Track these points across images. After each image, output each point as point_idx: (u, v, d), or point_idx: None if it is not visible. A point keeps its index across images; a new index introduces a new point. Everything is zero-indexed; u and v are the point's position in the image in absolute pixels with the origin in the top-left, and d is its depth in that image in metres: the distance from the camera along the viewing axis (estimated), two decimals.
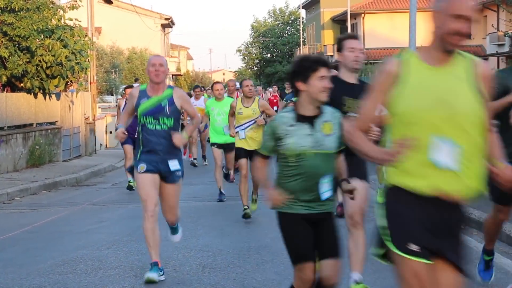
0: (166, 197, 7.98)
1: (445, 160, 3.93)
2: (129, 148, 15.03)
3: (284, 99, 17.01)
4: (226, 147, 13.32)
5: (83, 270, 8.31)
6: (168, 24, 63.39)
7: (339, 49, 6.68)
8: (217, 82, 14.50)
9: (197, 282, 7.68)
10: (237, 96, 14.87)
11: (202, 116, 13.58)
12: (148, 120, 7.72)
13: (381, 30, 54.30)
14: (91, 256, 9.07)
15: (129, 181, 15.24)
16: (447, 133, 3.93)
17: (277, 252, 8.99)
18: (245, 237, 10.08)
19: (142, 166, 7.72)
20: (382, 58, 52.43)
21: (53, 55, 18.68)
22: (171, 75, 67.13)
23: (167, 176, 7.82)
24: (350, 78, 6.67)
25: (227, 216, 11.98)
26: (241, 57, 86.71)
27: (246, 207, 11.47)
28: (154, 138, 7.70)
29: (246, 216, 11.41)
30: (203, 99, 19.34)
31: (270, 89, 31.46)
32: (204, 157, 20.92)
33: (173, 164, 7.80)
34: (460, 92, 4.03)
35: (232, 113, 11.85)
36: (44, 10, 19.01)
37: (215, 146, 13.45)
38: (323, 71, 5.21)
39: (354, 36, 6.87)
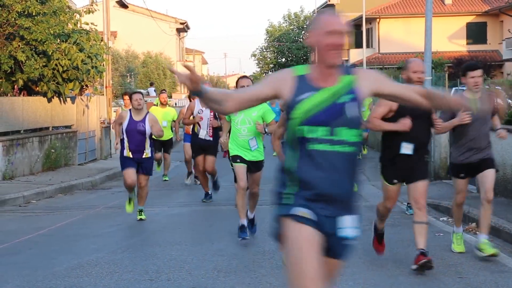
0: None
1: None
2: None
3: None
4: (253, 165, 10.11)
5: (99, 274, 8.34)
6: (183, 29, 63.55)
7: None
8: (244, 77, 10.24)
9: (211, 286, 7.70)
10: None
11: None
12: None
13: (396, 35, 54.20)
14: (107, 259, 9.10)
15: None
16: None
17: None
18: (259, 242, 10.08)
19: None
20: (397, 63, 52.37)
21: (69, 59, 18.77)
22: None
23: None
24: None
25: None
26: (256, 61, 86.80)
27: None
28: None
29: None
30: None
31: None
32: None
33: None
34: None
35: (281, 125, 9.11)
36: (61, 14, 19.11)
37: (238, 160, 9.94)
38: None
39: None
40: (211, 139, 13.83)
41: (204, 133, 13.79)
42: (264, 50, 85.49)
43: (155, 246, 9.93)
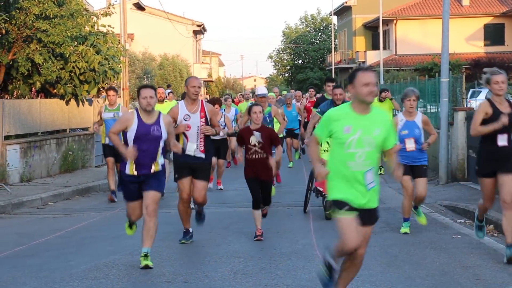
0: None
1: None
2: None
3: (317, 108, 12.95)
4: (366, 217, 9.03)
5: (116, 275, 8.36)
6: (200, 31, 63.66)
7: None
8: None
9: None
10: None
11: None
12: None
13: (413, 36, 54.04)
14: (124, 261, 9.12)
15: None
16: None
17: (309, 258, 8.99)
18: (276, 243, 10.07)
19: None
20: (414, 65, 52.24)
21: (86, 62, 18.83)
22: (202, 81, 67.11)
23: None
24: None
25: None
26: (273, 63, 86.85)
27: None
28: None
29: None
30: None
31: (306, 94, 26.51)
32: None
33: None
34: None
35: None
36: (78, 17, 19.17)
37: (346, 208, 6.30)
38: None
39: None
40: (203, 155, 10.14)
41: (193, 148, 10.09)
42: (281, 52, 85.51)
43: (172, 248, 9.94)
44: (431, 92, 20.77)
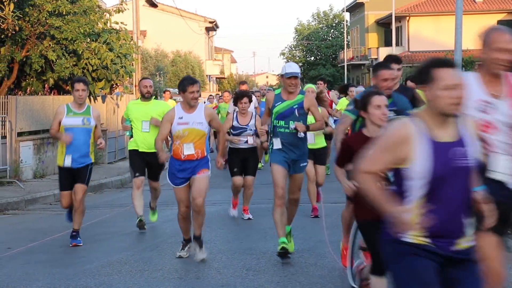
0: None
1: None
2: None
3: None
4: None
5: (128, 272, 8.38)
6: (212, 27, 63.71)
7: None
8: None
9: (241, 284, 7.70)
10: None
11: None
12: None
13: (426, 33, 53.87)
14: (136, 258, 9.14)
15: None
16: None
17: (321, 255, 8.98)
18: None
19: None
20: None
21: (99, 58, 18.88)
22: (214, 78, 67.29)
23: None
24: None
25: (271, 219, 11.93)
26: (285, 60, 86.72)
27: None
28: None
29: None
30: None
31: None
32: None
33: None
34: None
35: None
36: (91, 13, 19.21)
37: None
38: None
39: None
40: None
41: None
42: (293, 48, 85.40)
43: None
44: None
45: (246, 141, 11.74)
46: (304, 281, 7.79)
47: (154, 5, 57.26)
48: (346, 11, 70.90)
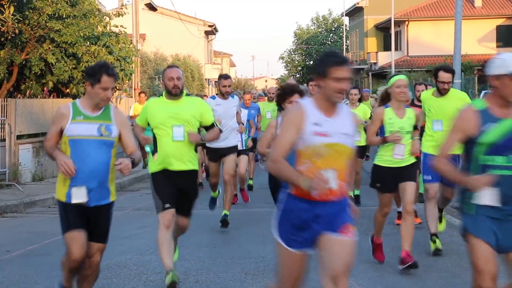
0: None
1: None
2: None
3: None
4: None
5: (127, 275, 8.39)
6: (211, 31, 63.72)
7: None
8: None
9: None
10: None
11: None
12: None
13: (425, 37, 53.93)
14: (135, 261, 9.15)
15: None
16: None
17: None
18: None
19: None
20: (426, 66, 52.11)
21: None
22: (214, 82, 67.25)
23: None
24: None
25: (269, 223, 11.94)
26: (284, 64, 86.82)
27: None
28: None
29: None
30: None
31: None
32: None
33: None
34: None
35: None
36: (91, 17, 19.23)
37: None
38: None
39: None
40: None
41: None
42: (292, 52, 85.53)
43: (183, 248, 9.94)
44: None
45: None
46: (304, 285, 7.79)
47: (153, 9, 57.27)
48: (345, 15, 70.98)
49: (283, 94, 8.17)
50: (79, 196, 6.28)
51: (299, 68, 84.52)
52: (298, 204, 5.06)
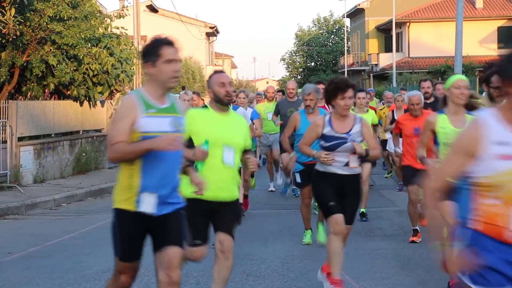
0: None
1: None
2: None
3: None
4: None
5: None
6: (212, 33, 63.73)
7: None
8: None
9: None
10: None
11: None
12: None
13: (427, 39, 53.90)
14: None
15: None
16: None
17: (321, 261, 8.96)
18: (288, 246, 10.07)
19: None
20: (427, 68, 52.04)
21: (100, 63, 18.90)
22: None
23: None
24: None
25: (271, 225, 11.97)
26: (285, 65, 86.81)
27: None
28: None
29: None
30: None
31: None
32: None
33: None
34: None
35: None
36: (92, 19, 19.23)
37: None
38: None
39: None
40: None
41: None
42: (294, 54, 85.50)
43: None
44: None
45: (347, 164, 7.38)
46: (304, 286, 7.80)
47: (154, 11, 57.29)
48: (347, 17, 70.94)
49: (335, 90, 7.14)
50: (148, 204, 5.37)
51: (300, 69, 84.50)
52: (497, 246, 3.80)
